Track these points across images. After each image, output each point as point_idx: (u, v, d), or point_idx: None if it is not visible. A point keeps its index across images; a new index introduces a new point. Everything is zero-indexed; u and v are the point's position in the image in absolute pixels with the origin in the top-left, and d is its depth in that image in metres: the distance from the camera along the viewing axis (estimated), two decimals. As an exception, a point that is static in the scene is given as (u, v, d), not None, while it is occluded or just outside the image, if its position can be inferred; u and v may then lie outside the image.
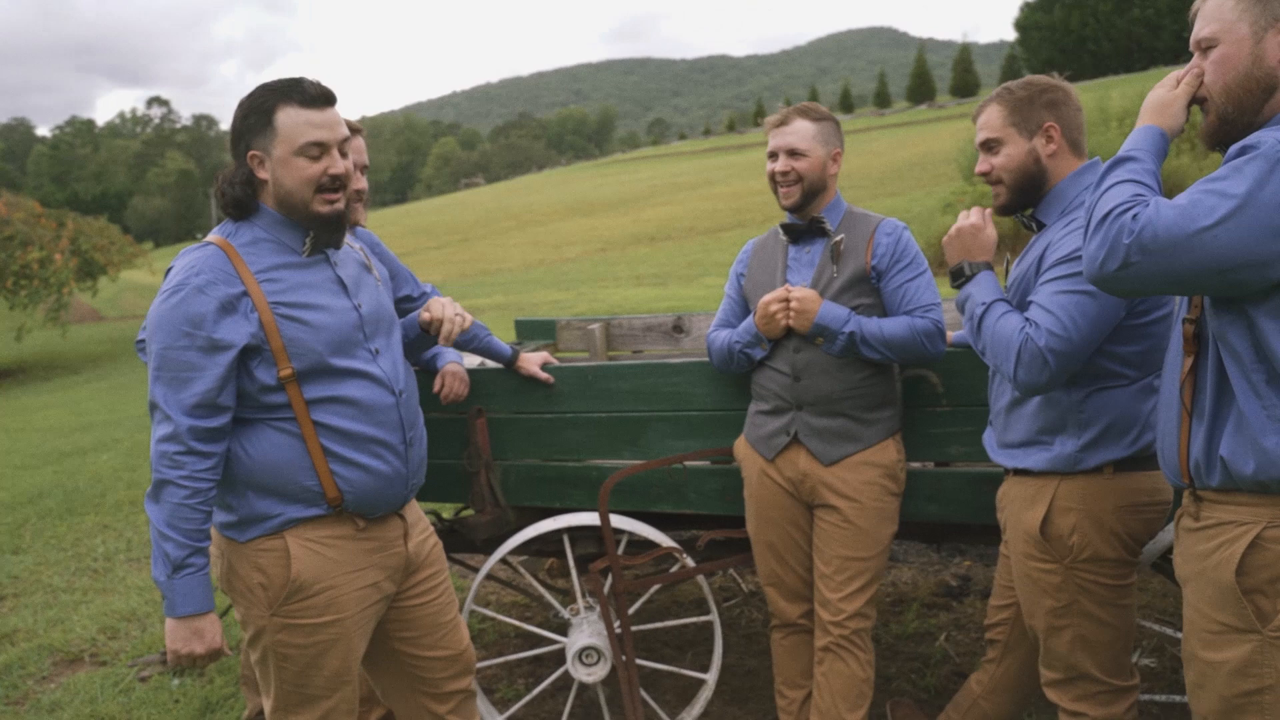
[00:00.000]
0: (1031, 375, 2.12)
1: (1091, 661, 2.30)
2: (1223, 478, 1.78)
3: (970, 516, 2.95)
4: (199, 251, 2.17)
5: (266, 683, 2.28)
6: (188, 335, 2.08)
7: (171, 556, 2.07)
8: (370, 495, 2.27)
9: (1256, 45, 1.78)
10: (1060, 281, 2.14)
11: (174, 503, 2.06)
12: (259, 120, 2.16)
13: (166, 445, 2.07)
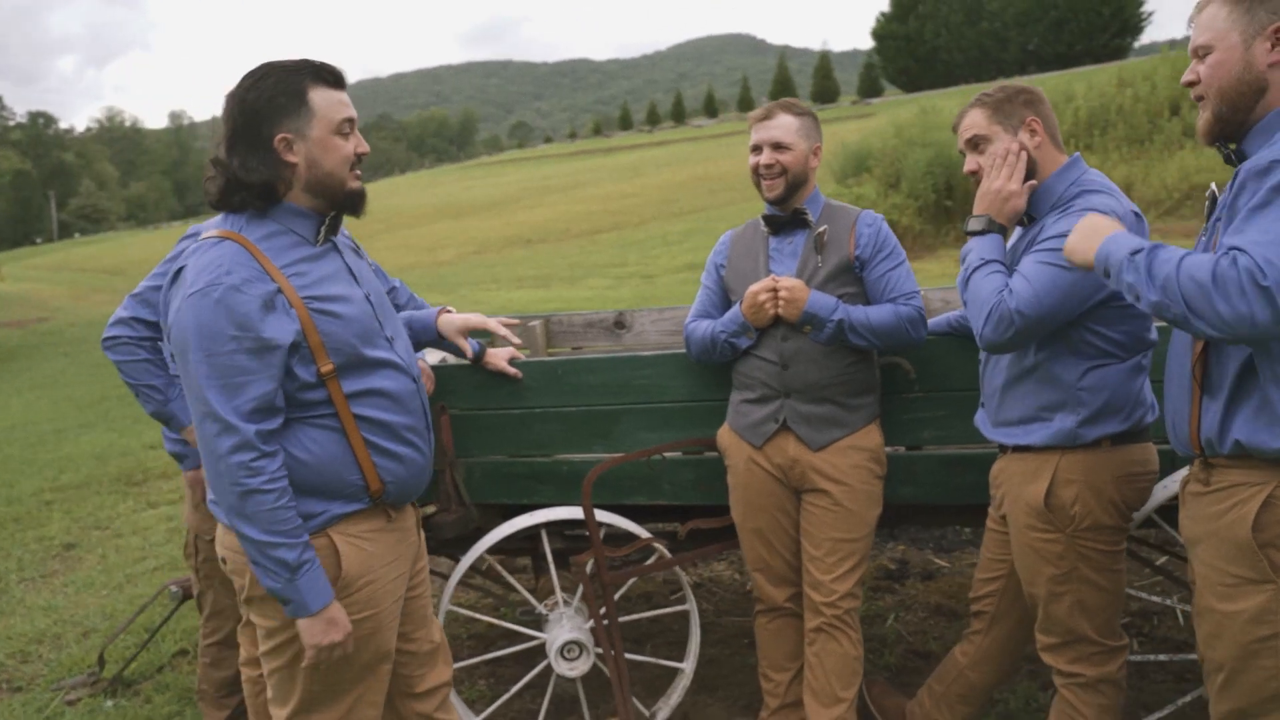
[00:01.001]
0: (997, 334, 2.25)
1: (1088, 624, 2.44)
2: (1235, 448, 1.92)
3: (942, 498, 3.07)
4: (216, 249, 2.04)
5: (289, 687, 2.20)
6: (234, 338, 1.98)
7: (288, 560, 2.01)
8: (407, 484, 2.26)
9: (1247, 51, 1.94)
10: (1041, 254, 2.27)
11: (266, 509, 2.00)
12: (291, 101, 2.08)
13: (240, 455, 1.98)
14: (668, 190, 33.83)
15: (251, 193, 2.09)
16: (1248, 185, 1.80)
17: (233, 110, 2.09)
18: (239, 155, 2.09)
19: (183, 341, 2.01)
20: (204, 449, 2.01)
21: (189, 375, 2.01)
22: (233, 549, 2.19)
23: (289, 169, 2.11)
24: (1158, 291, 1.81)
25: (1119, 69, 24.55)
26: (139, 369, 2.67)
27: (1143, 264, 1.86)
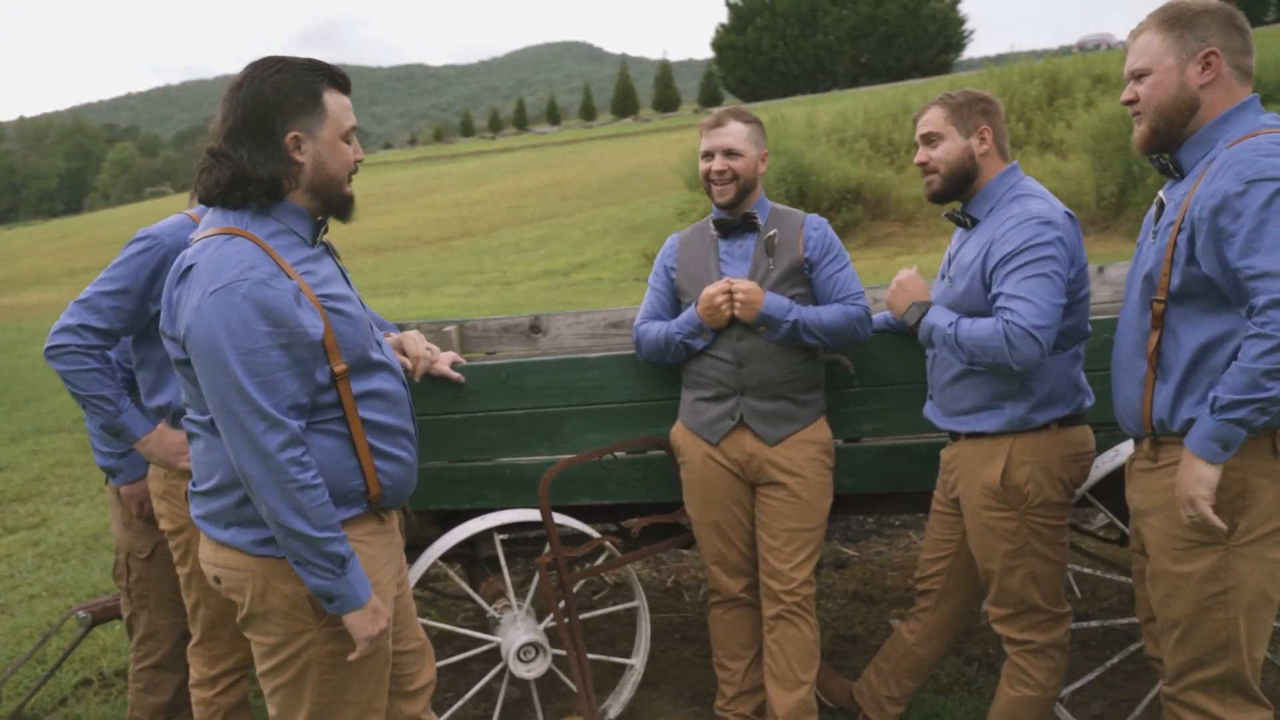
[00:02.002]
0: (1026, 352, 2.38)
1: (1039, 594, 2.64)
2: (1186, 425, 2.13)
3: (882, 486, 3.24)
4: (230, 245, 1.98)
5: (295, 703, 2.15)
6: (268, 334, 1.93)
7: (341, 554, 2.00)
8: (402, 487, 2.24)
9: (1181, 74, 2.17)
10: (1021, 270, 2.44)
11: (319, 505, 1.97)
12: (307, 100, 2.05)
13: (291, 451, 1.95)
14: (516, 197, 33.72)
15: (260, 187, 2.03)
16: (1236, 199, 2.00)
17: (244, 101, 2.03)
18: (246, 148, 2.03)
19: (208, 341, 1.92)
20: (248, 451, 1.94)
21: (218, 376, 1.93)
22: (228, 566, 2.12)
23: (295, 167, 2.06)
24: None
25: (950, 82, 25.96)
26: (88, 379, 2.54)
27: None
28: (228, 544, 2.11)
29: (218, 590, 2.19)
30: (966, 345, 2.48)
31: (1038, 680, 2.69)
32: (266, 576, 2.09)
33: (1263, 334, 1.95)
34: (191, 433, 2.15)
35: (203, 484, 2.14)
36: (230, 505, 2.09)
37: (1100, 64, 23.47)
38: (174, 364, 2.09)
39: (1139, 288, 2.23)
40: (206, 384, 1.96)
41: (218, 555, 2.14)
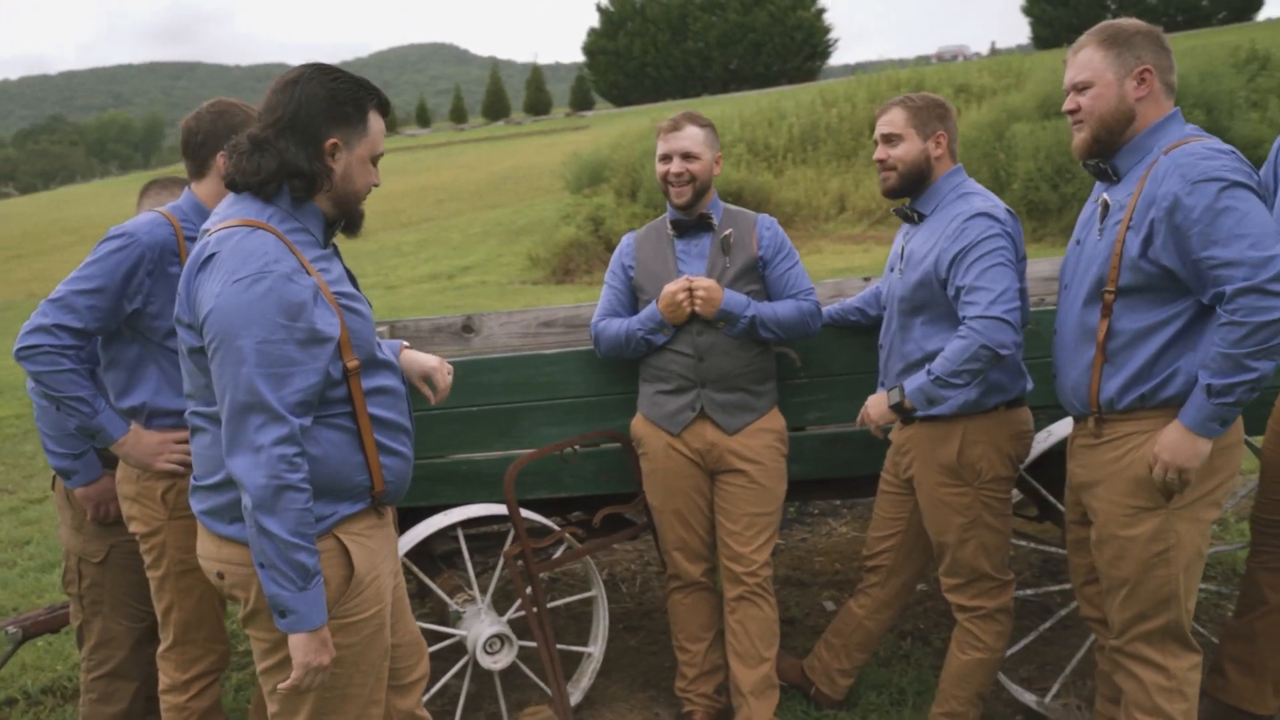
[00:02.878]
0: (1003, 337, 2.57)
1: (988, 563, 2.87)
2: (1134, 403, 2.37)
3: (826, 472, 3.43)
4: (254, 237, 2.01)
5: (297, 700, 2.16)
6: (285, 327, 1.96)
7: (308, 566, 1.98)
8: (402, 483, 2.29)
9: (1120, 87, 2.41)
10: (977, 263, 2.65)
11: (298, 509, 1.96)
12: (355, 113, 2.11)
13: (284, 448, 1.94)
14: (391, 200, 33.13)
15: (301, 182, 2.07)
16: (1186, 200, 2.24)
17: (298, 97, 2.07)
18: (289, 141, 2.06)
19: (226, 328, 1.94)
20: (241, 442, 1.95)
21: (230, 363, 1.94)
22: (231, 562, 2.13)
23: (327, 173, 2.11)
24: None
25: (820, 89, 26.73)
26: (63, 380, 2.48)
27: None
28: (233, 539, 2.11)
29: (220, 587, 2.18)
30: (957, 372, 2.61)
31: (987, 643, 2.91)
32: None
33: (1235, 321, 2.18)
34: (196, 426, 2.16)
35: (206, 479, 2.15)
36: (235, 500, 2.09)
37: (960, 74, 24.60)
38: (187, 353, 2.10)
39: (1088, 280, 2.46)
40: (218, 370, 1.98)
41: (221, 551, 2.15)
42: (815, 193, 19.73)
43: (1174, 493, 2.35)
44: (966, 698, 2.96)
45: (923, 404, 2.69)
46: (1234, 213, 2.20)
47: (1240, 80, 17.26)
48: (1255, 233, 2.19)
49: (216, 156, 2.64)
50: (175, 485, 2.61)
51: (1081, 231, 2.56)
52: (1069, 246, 2.62)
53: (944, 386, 2.64)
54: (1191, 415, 2.29)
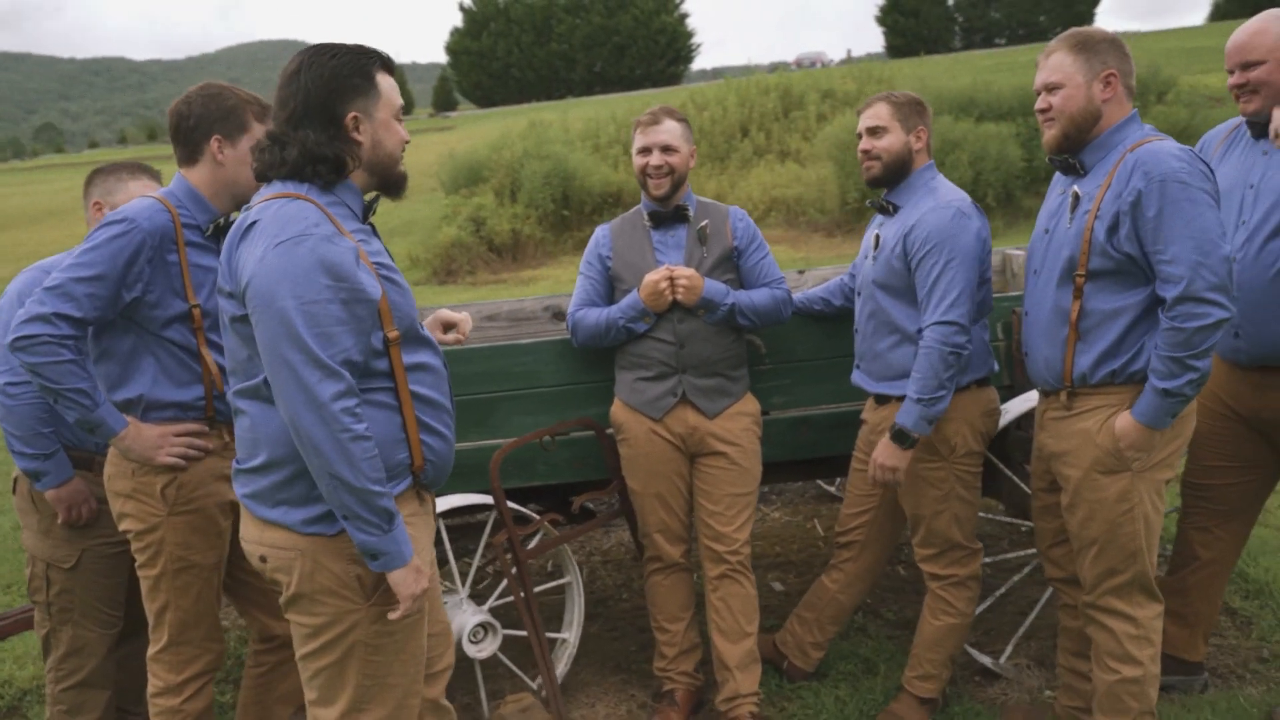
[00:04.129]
0: (960, 338, 2.83)
1: (960, 533, 3.06)
2: (1105, 378, 2.59)
3: (790, 454, 3.57)
4: (294, 204, 2.02)
5: (338, 686, 2.16)
6: (328, 287, 1.96)
7: (388, 508, 2.01)
8: (442, 465, 2.28)
9: (1089, 89, 2.62)
10: (935, 267, 2.87)
11: (369, 457, 1.97)
12: (363, 82, 2.12)
13: (345, 401, 1.95)
14: (254, 200, 32.04)
15: (327, 165, 2.09)
16: (1148, 194, 2.46)
17: (305, 85, 2.08)
18: (309, 130, 2.08)
19: (270, 290, 1.94)
20: (301, 401, 1.94)
21: (276, 325, 1.94)
22: (276, 545, 2.12)
23: (355, 147, 2.13)
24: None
25: (690, 92, 27.16)
26: (63, 372, 2.38)
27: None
28: (276, 523, 2.11)
29: (262, 570, 2.17)
30: (936, 385, 2.83)
31: (959, 608, 3.11)
32: (316, 555, 2.10)
33: (1176, 327, 2.43)
34: (239, 408, 2.15)
35: (249, 461, 2.14)
36: (279, 482, 2.09)
37: (825, 80, 25.39)
38: (229, 324, 2.09)
39: (1059, 265, 2.67)
40: (263, 334, 1.97)
41: (265, 535, 2.14)
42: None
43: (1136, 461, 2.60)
44: (939, 660, 3.15)
45: (924, 427, 2.88)
46: (1185, 213, 2.44)
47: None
48: (1200, 235, 2.42)
49: (210, 140, 2.59)
50: (175, 479, 2.56)
51: (1049, 221, 2.77)
52: (1035, 235, 2.83)
53: (933, 403, 2.84)
54: (1144, 411, 2.53)
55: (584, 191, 18.83)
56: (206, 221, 2.61)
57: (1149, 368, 2.53)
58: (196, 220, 2.59)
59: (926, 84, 19.16)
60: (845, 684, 3.44)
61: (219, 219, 2.64)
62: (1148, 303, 2.55)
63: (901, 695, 3.21)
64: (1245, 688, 3.31)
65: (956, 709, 3.22)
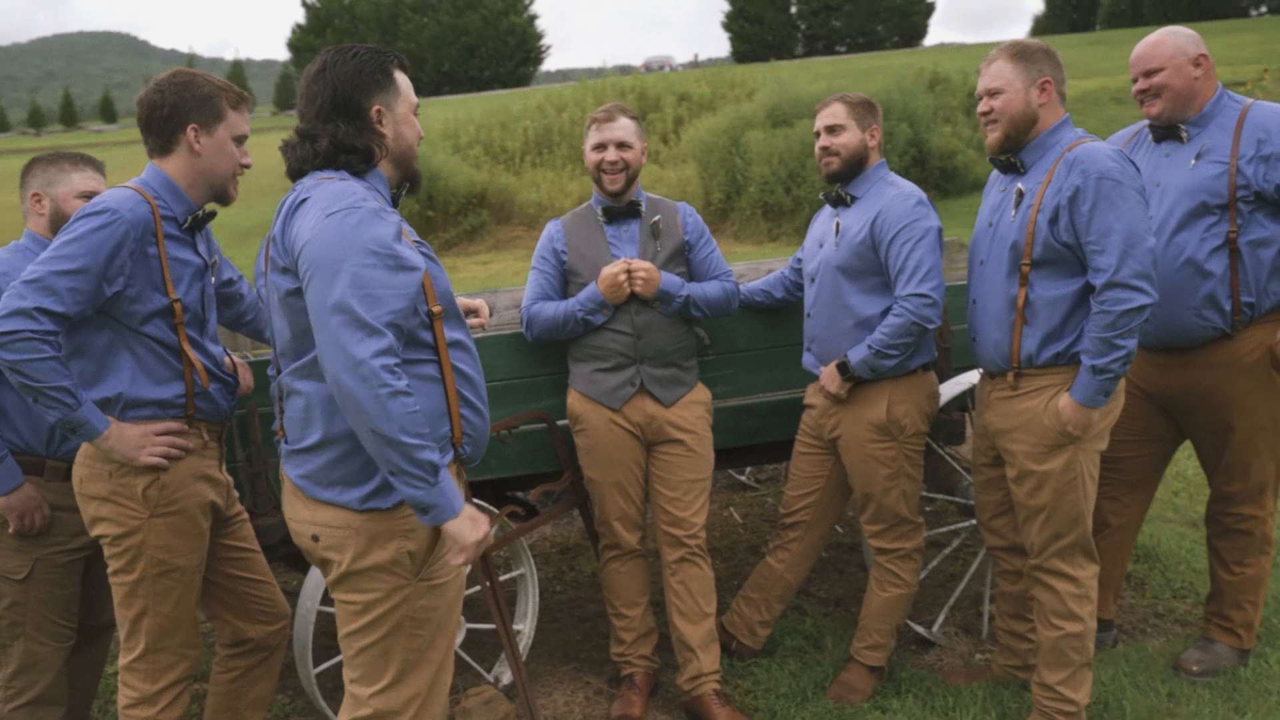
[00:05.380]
0: (932, 312, 3.04)
1: (906, 508, 3.26)
2: (1050, 360, 2.82)
3: (732, 442, 3.70)
4: (342, 182, 2.12)
5: (382, 663, 2.19)
6: (376, 254, 2.02)
7: (434, 461, 2.03)
8: (480, 441, 2.34)
9: (1026, 94, 2.85)
10: (908, 244, 3.06)
11: (410, 412, 2.00)
12: (383, 78, 2.23)
13: (385, 359, 1.98)
14: (86, 201, 30.33)
15: (357, 155, 2.18)
16: (1085, 190, 2.70)
17: (331, 81, 2.18)
18: (338, 123, 2.18)
19: (322, 254, 2.01)
20: (341, 360, 1.97)
21: (325, 286, 1.99)
22: (329, 524, 2.17)
23: (381, 139, 2.23)
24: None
25: (545, 94, 27.20)
26: (45, 369, 2.27)
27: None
28: (331, 502, 2.17)
29: (313, 550, 2.21)
30: (893, 345, 3.05)
31: (905, 579, 3.31)
32: (371, 533, 2.15)
33: (1104, 310, 2.68)
34: (292, 388, 2.19)
35: (301, 441, 2.20)
36: (334, 459, 2.15)
37: (680, 83, 25.89)
38: (281, 300, 2.14)
39: (1005, 256, 2.88)
40: (313, 295, 2.02)
41: (317, 515, 2.19)
42: (556, 194, 20.09)
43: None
44: (887, 630, 3.34)
45: (866, 372, 3.09)
46: (1116, 208, 2.69)
47: (930, 99, 19.36)
48: (1128, 228, 2.67)
49: (186, 130, 2.53)
50: (157, 480, 2.48)
51: (992, 216, 2.99)
52: (979, 229, 3.05)
53: (883, 357, 3.06)
54: (1080, 391, 2.77)
55: (448, 192, 18.69)
56: (183, 213, 2.55)
57: (1081, 349, 2.77)
58: (173, 212, 2.53)
59: (785, 88, 19.77)
60: (794, 659, 3.60)
61: (196, 211, 2.58)
62: (1086, 289, 2.79)
63: (851, 665, 3.39)
64: (1149, 640, 3.64)
65: (902, 675, 3.42)
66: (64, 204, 2.93)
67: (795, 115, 17.74)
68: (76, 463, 2.53)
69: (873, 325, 3.15)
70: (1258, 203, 3.08)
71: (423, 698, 2.26)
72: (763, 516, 5.11)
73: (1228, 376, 3.17)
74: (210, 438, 2.62)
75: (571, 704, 3.46)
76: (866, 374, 3.11)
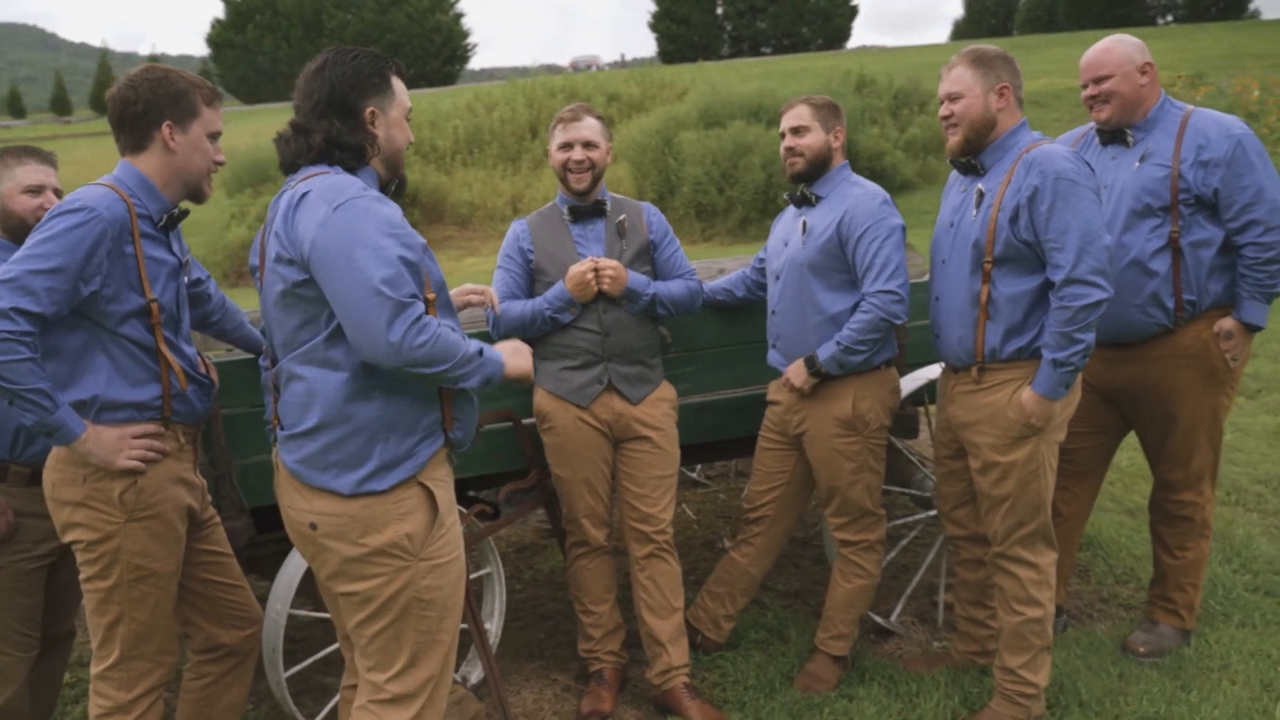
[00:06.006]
0: (899, 308, 3.13)
1: (870, 501, 3.34)
2: (1012, 354, 2.91)
3: (694, 438, 3.75)
4: (339, 175, 2.20)
5: (395, 648, 2.26)
6: (388, 235, 2.12)
7: (473, 351, 2.22)
8: (470, 427, 2.42)
9: (985, 99, 2.95)
10: (875, 242, 3.13)
11: (445, 344, 2.15)
12: (380, 81, 2.31)
13: (414, 327, 2.10)
14: None
15: (350, 153, 2.26)
16: (1043, 189, 2.79)
17: (329, 79, 2.25)
18: (332, 119, 2.25)
19: (337, 245, 2.09)
20: (378, 340, 2.07)
21: (346, 274, 2.07)
22: (326, 512, 2.22)
23: (373, 139, 2.30)
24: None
25: (475, 92, 26.99)
26: (22, 371, 2.20)
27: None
28: (324, 489, 2.22)
29: (311, 538, 2.25)
30: (861, 341, 3.12)
31: (868, 570, 3.39)
32: (368, 519, 2.21)
33: (1064, 306, 2.78)
34: (293, 373, 2.24)
35: (299, 425, 2.24)
36: (332, 442, 2.21)
37: (609, 83, 25.91)
38: (283, 293, 2.20)
39: (968, 254, 2.97)
40: (334, 286, 2.10)
41: (314, 503, 2.24)
42: (489, 194, 20.00)
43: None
44: (850, 620, 3.42)
45: (835, 368, 3.16)
46: (1073, 207, 2.80)
47: (858, 100, 19.69)
48: (1085, 226, 2.78)
49: (161, 127, 2.48)
50: (134, 484, 2.43)
51: (953, 215, 3.08)
52: (940, 229, 3.14)
53: (851, 353, 3.13)
54: (1041, 382, 2.87)
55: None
56: (158, 211, 2.51)
57: (1042, 343, 2.87)
58: (148, 210, 2.49)
59: (717, 90, 19.92)
60: (758, 651, 3.66)
61: (171, 209, 2.54)
62: (1046, 286, 2.89)
63: (816, 656, 3.46)
64: (1096, 625, 3.78)
65: (865, 664, 3.50)
66: (10, 201, 2.86)
67: (727, 116, 17.90)
68: (48, 467, 2.47)
69: (839, 321, 3.22)
70: (1197, 205, 3.22)
71: (436, 680, 2.32)
72: (715, 512, 5.18)
73: (1171, 369, 3.31)
74: (185, 440, 2.59)
75: (540, 701, 3.47)
76: (835, 370, 3.17)
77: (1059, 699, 3.22)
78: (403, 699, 2.28)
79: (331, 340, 2.20)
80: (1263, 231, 3.18)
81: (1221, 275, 3.27)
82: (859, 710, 3.22)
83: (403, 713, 2.28)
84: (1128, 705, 3.17)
